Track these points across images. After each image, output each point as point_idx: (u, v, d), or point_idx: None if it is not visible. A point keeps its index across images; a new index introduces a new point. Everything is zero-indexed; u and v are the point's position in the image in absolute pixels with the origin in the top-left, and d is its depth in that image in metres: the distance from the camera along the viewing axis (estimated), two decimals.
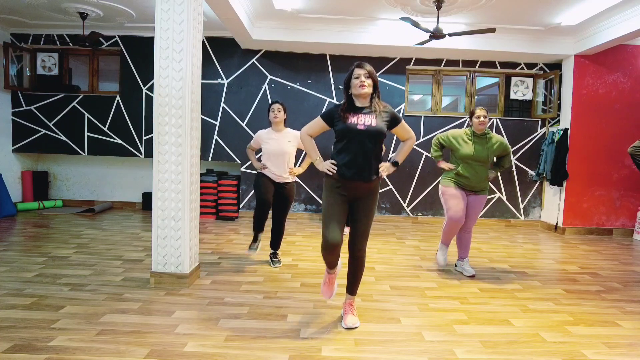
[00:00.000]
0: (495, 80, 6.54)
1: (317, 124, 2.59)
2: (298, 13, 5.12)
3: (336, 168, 2.46)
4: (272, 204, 3.69)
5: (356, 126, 2.41)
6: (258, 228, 3.73)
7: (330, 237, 2.41)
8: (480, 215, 3.74)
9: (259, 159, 3.81)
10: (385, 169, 2.50)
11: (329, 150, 2.65)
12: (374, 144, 2.45)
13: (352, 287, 2.64)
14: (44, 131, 6.28)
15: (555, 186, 6.05)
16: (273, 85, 6.24)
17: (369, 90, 2.43)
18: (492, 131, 6.23)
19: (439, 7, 4.46)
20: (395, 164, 2.57)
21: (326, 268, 2.62)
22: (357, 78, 2.43)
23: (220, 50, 6.18)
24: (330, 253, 2.48)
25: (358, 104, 2.49)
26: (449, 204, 3.61)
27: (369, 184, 2.47)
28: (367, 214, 2.51)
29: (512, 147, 6.27)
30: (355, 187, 2.47)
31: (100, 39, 5.79)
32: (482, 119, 3.52)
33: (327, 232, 2.43)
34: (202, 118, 6.02)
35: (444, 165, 3.73)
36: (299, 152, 4.62)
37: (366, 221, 2.51)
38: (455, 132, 3.71)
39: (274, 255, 3.87)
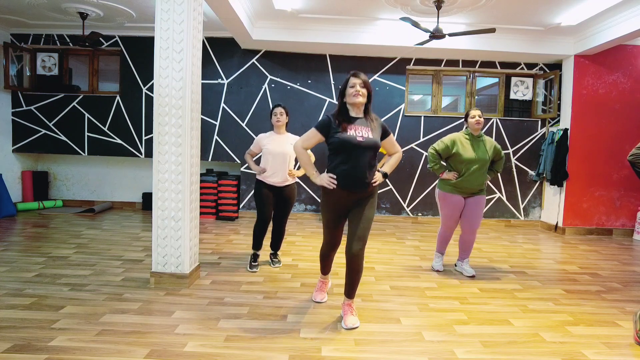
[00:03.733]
0: (495, 80, 6.54)
1: (313, 136, 2.54)
2: (298, 13, 5.12)
3: (336, 182, 2.46)
4: (272, 214, 3.72)
5: (355, 138, 2.42)
6: (256, 246, 3.72)
7: (332, 242, 2.69)
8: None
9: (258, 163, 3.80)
10: (377, 180, 2.54)
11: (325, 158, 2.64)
12: (371, 155, 2.49)
13: (350, 290, 2.64)
14: (44, 131, 6.29)
15: (555, 186, 6.05)
16: (273, 85, 6.24)
17: (363, 100, 2.47)
18: (492, 131, 6.27)
19: (439, 7, 4.46)
20: (384, 175, 2.62)
21: (320, 274, 2.96)
22: (352, 87, 2.45)
23: (220, 50, 6.18)
24: (328, 256, 2.81)
25: (352, 113, 2.51)
26: (445, 211, 3.65)
27: (366, 192, 2.53)
28: (365, 219, 2.53)
29: (512, 147, 6.30)
30: (353, 196, 2.53)
31: (100, 39, 5.79)
32: (477, 118, 3.47)
33: (329, 237, 2.69)
34: (202, 118, 6.04)
35: (448, 175, 3.56)
36: None
37: (364, 226, 2.51)
38: (453, 136, 3.57)
39: (274, 255, 3.87)
